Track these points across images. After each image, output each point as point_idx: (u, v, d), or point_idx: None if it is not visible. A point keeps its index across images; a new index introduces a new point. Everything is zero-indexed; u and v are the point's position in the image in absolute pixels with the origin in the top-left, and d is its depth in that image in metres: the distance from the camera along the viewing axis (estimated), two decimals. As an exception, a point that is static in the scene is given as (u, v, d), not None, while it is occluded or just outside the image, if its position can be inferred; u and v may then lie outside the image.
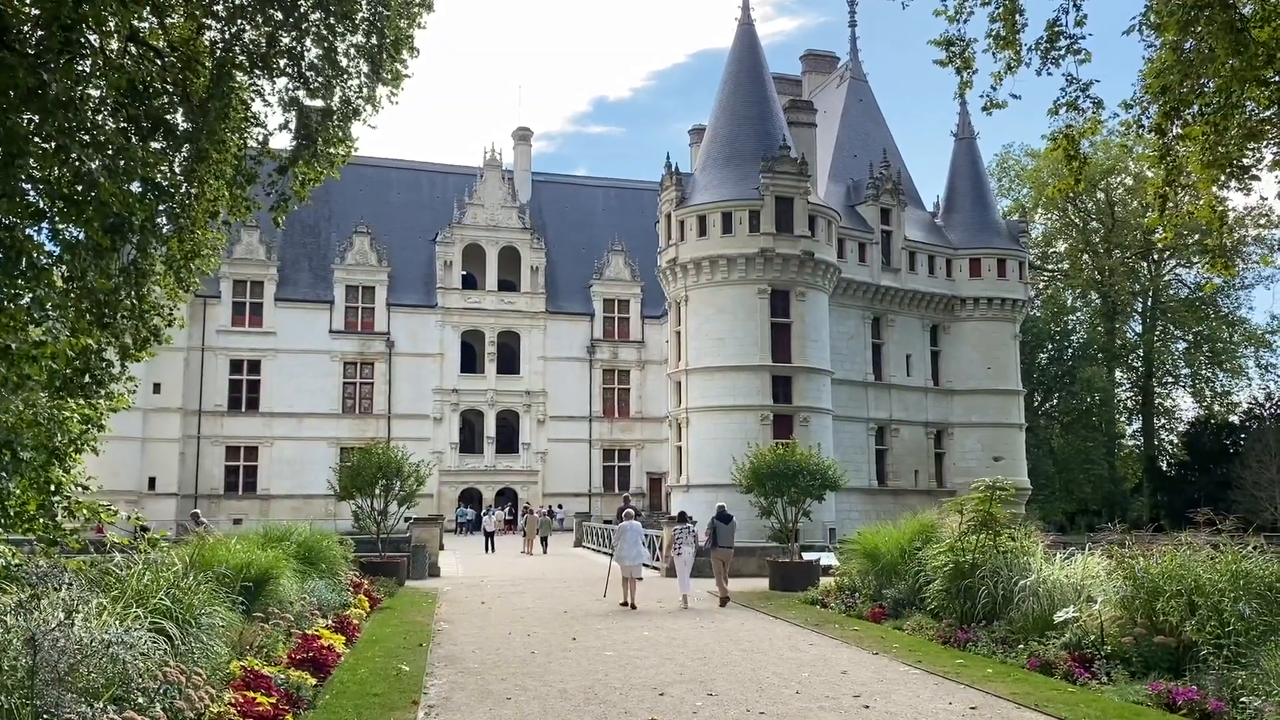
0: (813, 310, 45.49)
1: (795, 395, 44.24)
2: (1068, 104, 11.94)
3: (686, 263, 45.46)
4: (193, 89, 10.14)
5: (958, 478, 48.95)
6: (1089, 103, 11.93)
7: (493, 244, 62.07)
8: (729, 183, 45.51)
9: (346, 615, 15.14)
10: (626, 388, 63.50)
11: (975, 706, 10.23)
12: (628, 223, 65.45)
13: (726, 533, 21.73)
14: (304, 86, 11.04)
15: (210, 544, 13.12)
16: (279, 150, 11.58)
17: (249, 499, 56.20)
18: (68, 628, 7.10)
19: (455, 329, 60.87)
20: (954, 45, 11.84)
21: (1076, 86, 11.80)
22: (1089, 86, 11.84)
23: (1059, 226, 73.46)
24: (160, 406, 53.59)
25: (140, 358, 9.69)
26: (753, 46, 49.02)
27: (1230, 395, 71.16)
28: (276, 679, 9.54)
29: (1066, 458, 67.03)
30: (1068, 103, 11.93)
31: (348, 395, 59.21)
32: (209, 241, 10.58)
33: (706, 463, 42.75)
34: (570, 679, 11.76)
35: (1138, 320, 71.75)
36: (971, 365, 53.62)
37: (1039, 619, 13.04)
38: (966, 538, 15.21)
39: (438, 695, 10.79)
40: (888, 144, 56.21)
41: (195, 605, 9.49)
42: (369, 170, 60.27)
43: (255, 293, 57.84)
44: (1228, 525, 12.28)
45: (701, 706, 10.26)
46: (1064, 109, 12.00)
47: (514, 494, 60.05)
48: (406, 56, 11.35)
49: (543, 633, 15.85)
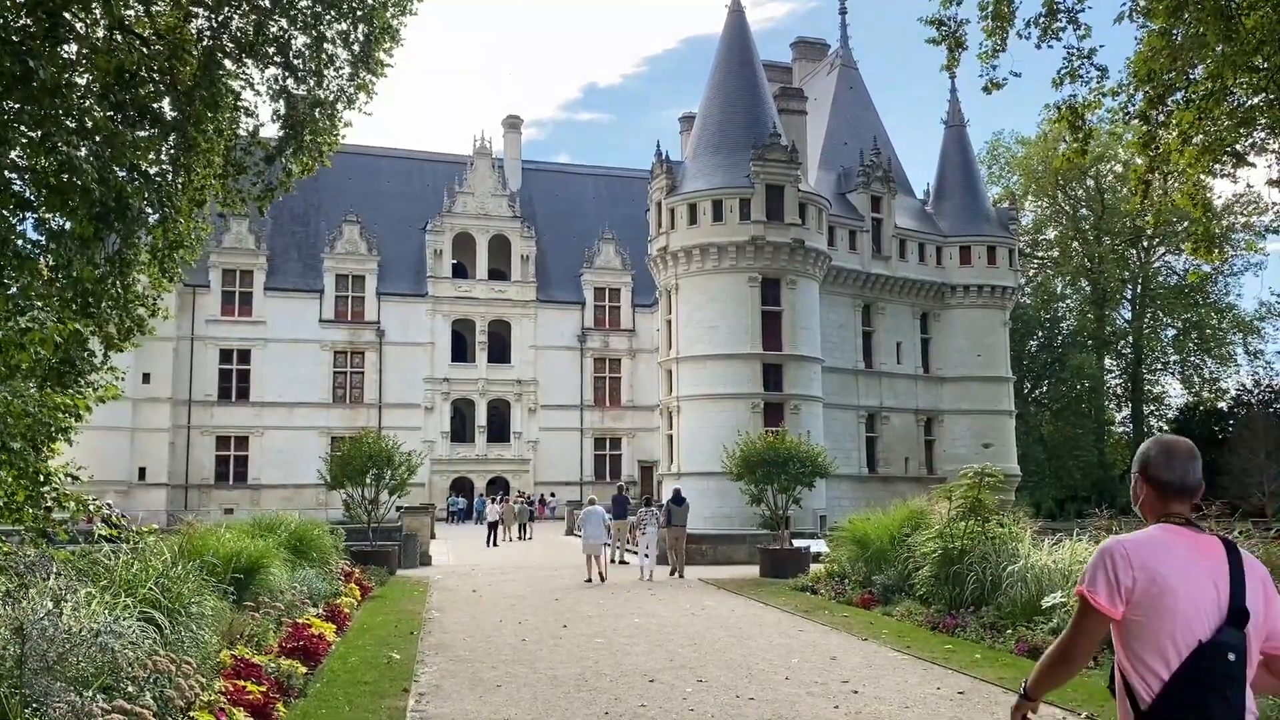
0: (803, 298, 45.53)
1: (786, 383, 44.30)
2: (1070, 73, 11.77)
3: (677, 251, 45.43)
4: (180, 77, 10.10)
5: (948, 465, 49.10)
6: (1093, 70, 11.75)
7: (483, 233, 61.96)
8: (720, 171, 45.47)
9: (337, 604, 15.15)
10: (618, 376, 63.55)
11: (963, 691, 10.31)
12: (618, 211, 65.39)
13: (680, 514, 24.68)
14: (292, 75, 11.00)
15: (199, 534, 13.10)
16: (268, 139, 11.54)
17: (240, 489, 56.15)
18: (56, 617, 7.09)
19: (446, 318, 60.80)
20: (945, 25, 11.79)
21: (1079, 56, 11.63)
22: (1093, 54, 11.59)
23: (1049, 214, 73.63)
24: (150, 396, 53.46)
25: (124, 347, 9.65)
26: (743, 33, 48.92)
27: (1219, 382, 71.55)
28: (267, 668, 9.55)
29: (1056, 444, 67.31)
30: (1070, 72, 11.76)
31: (338, 385, 59.14)
32: (194, 231, 10.54)
33: (697, 451, 42.81)
34: (561, 666, 11.80)
35: (1127, 307, 72.00)
36: (961, 353, 53.74)
37: (1027, 604, 13.13)
38: (955, 524, 15.30)
39: (428, 683, 10.82)
40: (878, 131, 56.18)
41: (185, 595, 9.48)
42: (358, 159, 60.05)
43: (245, 282, 57.67)
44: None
45: (691, 693, 10.30)
46: (1067, 79, 11.85)
47: (505, 483, 60.08)
48: (391, 45, 11.30)
49: (534, 620, 15.89)
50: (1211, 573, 3.27)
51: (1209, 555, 3.31)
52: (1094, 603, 3.32)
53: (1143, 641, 3.26)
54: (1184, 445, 3.49)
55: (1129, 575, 3.28)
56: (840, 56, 58.53)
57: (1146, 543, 3.34)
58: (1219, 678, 3.15)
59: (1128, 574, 3.28)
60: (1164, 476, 3.45)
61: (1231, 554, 3.33)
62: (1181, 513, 3.43)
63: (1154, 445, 3.53)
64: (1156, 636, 3.23)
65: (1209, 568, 3.28)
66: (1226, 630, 3.19)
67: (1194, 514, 3.46)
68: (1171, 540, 3.34)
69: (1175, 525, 3.39)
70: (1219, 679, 3.15)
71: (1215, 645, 3.17)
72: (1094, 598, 3.32)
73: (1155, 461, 3.47)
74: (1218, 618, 3.21)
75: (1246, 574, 3.29)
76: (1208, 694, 3.14)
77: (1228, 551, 3.33)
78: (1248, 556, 3.36)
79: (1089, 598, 3.33)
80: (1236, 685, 3.17)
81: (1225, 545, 3.35)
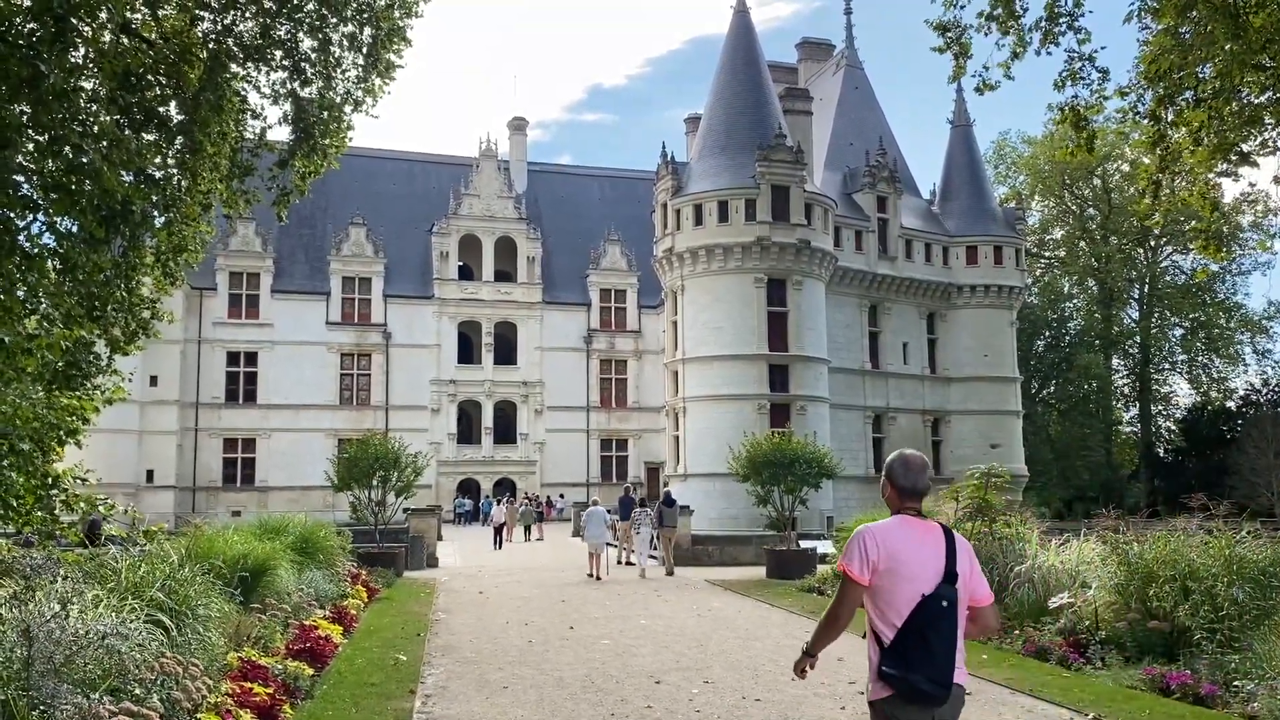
0: (809, 299, 45.49)
1: (792, 384, 44.26)
2: (1070, 75, 11.80)
3: (683, 252, 45.43)
4: (186, 80, 10.12)
5: (955, 465, 48.99)
6: (1094, 73, 11.77)
7: (489, 234, 62.00)
8: (725, 171, 45.45)
9: (344, 606, 15.15)
10: (624, 377, 63.53)
11: (970, 692, 10.24)
12: (624, 212, 65.38)
13: (670, 514, 25.92)
14: (299, 78, 11.02)
15: (206, 536, 13.12)
16: (276, 143, 11.56)
17: (247, 491, 56.25)
18: (63, 619, 7.11)
19: (452, 320, 60.85)
20: (950, 31, 11.78)
21: (1079, 58, 11.65)
22: (1093, 57, 11.64)
23: (1055, 213, 73.44)
24: (157, 399, 53.59)
25: (128, 350, 9.67)
26: (748, 34, 48.90)
27: (1227, 381, 71.31)
28: (274, 669, 9.56)
29: (1064, 445, 67.12)
30: (1070, 74, 11.79)
31: (345, 387, 59.21)
32: (199, 234, 10.56)
33: (703, 452, 42.79)
34: (567, 668, 11.80)
35: (1134, 307, 71.77)
36: (968, 353, 53.65)
37: (1034, 605, 13.11)
38: (962, 525, 15.27)
39: (435, 684, 10.83)
40: (884, 132, 56.11)
41: (191, 597, 9.49)
42: (364, 161, 60.10)
43: (251, 284, 57.77)
44: (1222, 510, 12.31)
45: (698, 694, 10.30)
46: (1068, 81, 11.87)
47: (512, 484, 60.08)
48: (401, 46, 11.31)
49: (540, 622, 15.89)
50: (933, 549, 4.51)
51: (932, 537, 4.56)
52: (850, 575, 4.52)
53: (885, 599, 4.46)
54: (918, 460, 4.69)
55: (875, 552, 4.47)
56: (845, 57, 58.48)
57: (887, 528, 4.57)
58: (936, 617, 4.40)
59: (874, 551, 4.48)
60: (902, 483, 4.64)
61: (949, 536, 4.59)
62: (914, 507, 4.65)
63: (897, 459, 4.72)
64: (893, 595, 4.44)
65: (932, 546, 4.53)
66: (943, 586, 4.44)
67: (920, 506, 4.67)
68: (906, 527, 4.58)
69: (909, 516, 4.62)
70: (936, 618, 4.40)
71: (935, 595, 4.41)
72: (850, 571, 4.52)
73: (897, 472, 4.66)
74: (937, 579, 4.44)
75: (958, 550, 4.55)
76: (928, 629, 4.39)
77: (945, 534, 4.59)
78: (959, 537, 4.64)
79: (846, 571, 4.53)
80: (949, 622, 4.43)
81: (944, 530, 4.61)
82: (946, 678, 4.39)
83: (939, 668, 4.37)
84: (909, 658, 4.38)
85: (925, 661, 4.37)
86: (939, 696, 4.39)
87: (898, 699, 4.43)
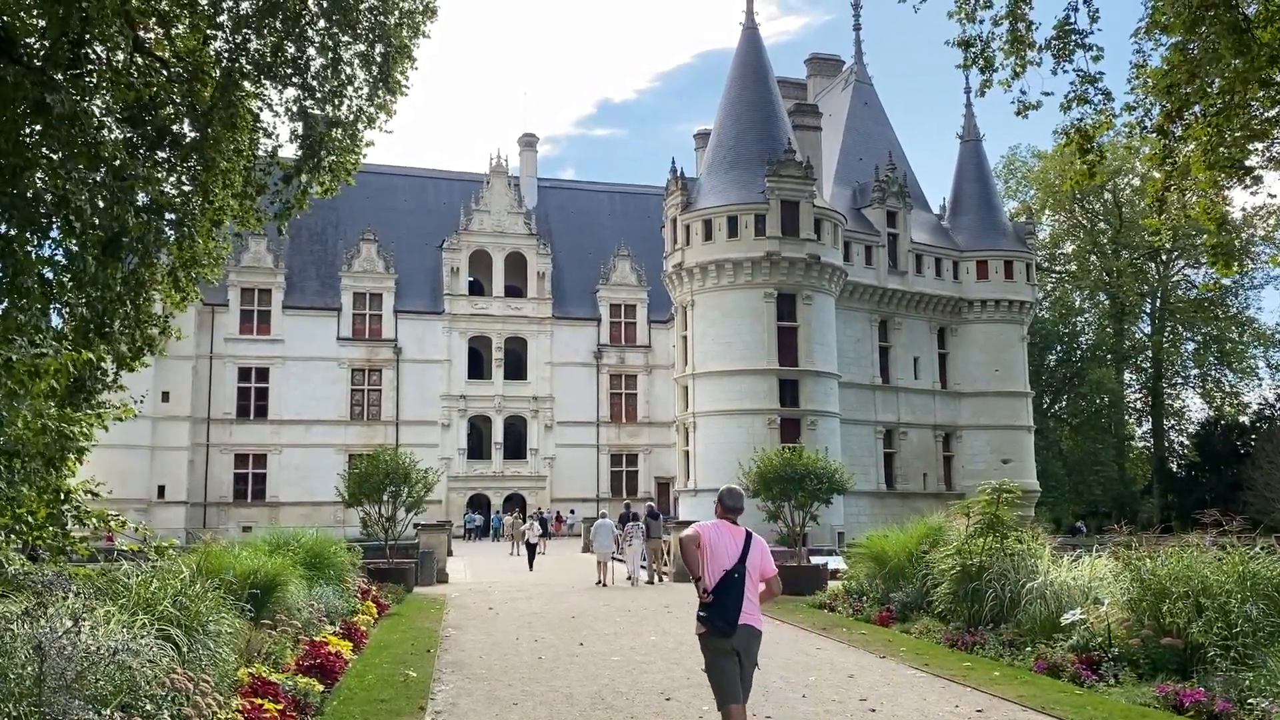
0: (819, 313, 45.48)
1: (802, 399, 44.22)
2: (1077, 98, 11.87)
3: (693, 267, 45.48)
4: (199, 99, 10.20)
5: (966, 480, 48.85)
6: (1098, 95, 11.85)
7: (499, 250, 62.20)
8: (734, 187, 45.54)
9: (354, 622, 15.17)
10: (634, 392, 63.54)
11: (982, 709, 10.22)
12: (633, 227, 65.55)
13: (655, 527, 28.95)
14: (310, 95, 11.10)
15: (217, 551, 13.15)
16: (287, 159, 11.64)
17: (258, 506, 56.35)
18: (75, 635, 7.12)
19: (462, 335, 61.00)
20: (972, 45, 11.80)
21: (1084, 80, 11.72)
22: (1097, 80, 11.74)
23: (1066, 228, 73.33)
24: (169, 415, 53.79)
25: (134, 367, 9.70)
26: (757, 50, 49.07)
27: (1240, 396, 70.99)
28: (284, 685, 9.57)
29: (1076, 460, 66.84)
30: (1077, 97, 11.85)
31: (355, 402, 59.34)
32: (212, 251, 10.62)
33: (714, 467, 42.74)
34: (577, 684, 11.77)
35: (1146, 321, 71.54)
36: (979, 367, 53.53)
37: (1046, 621, 13.00)
38: (974, 540, 15.17)
39: (445, 701, 10.81)
40: (893, 146, 56.19)
41: (202, 612, 9.50)
42: (375, 177, 60.37)
43: (263, 300, 58.03)
44: (1235, 526, 12.23)
45: (708, 711, 10.24)
46: (1074, 103, 11.94)
47: (522, 499, 60.08)
48: (407, 66, 11.40)
49: (550, 638, 15.86)
50: (736, 541, 7.52)
51: (737, 535, 7.56)
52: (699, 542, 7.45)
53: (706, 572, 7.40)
54: (736, 491, 7.75)
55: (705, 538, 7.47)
56: (855, 72, 58.63)
57: (711, 526, 7.61)
58: (732, 584, 7.37)
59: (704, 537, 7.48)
60: (726, 503, 7.75)
61: (748, 536, 7.59)
62: (729, 518, 7.72)
63: (725, 489, 7.83)
64: (710, 567, 7.40)
65: (736, 541, 7.53)
66: (737, 566, 7.41)
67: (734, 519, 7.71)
68: (722, 527, 7.62)
69: (725, 522, 7.66)
70: (732, 584, 7.37)
71: (732, 570, 7.39)
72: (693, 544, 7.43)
73: (723, 495, 7.79)
74: (734, 561, 7.42)
75: (752, 545, 7.54)
76: (726, 590, 7.34)
77: (746, 535, 7.59)
78: (756, 537, 7.60)
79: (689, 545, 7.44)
80: (739, 588, 7.37)
81: (746, 533, 7.62)
82: (734, 620, 7.29)
83: (730, 615, 7.30)
84: (712, 608, 7.34)
85: (721, 611, 7.31)
86: (729, 632, 7.29)
87: (709, 634, 7.38)
